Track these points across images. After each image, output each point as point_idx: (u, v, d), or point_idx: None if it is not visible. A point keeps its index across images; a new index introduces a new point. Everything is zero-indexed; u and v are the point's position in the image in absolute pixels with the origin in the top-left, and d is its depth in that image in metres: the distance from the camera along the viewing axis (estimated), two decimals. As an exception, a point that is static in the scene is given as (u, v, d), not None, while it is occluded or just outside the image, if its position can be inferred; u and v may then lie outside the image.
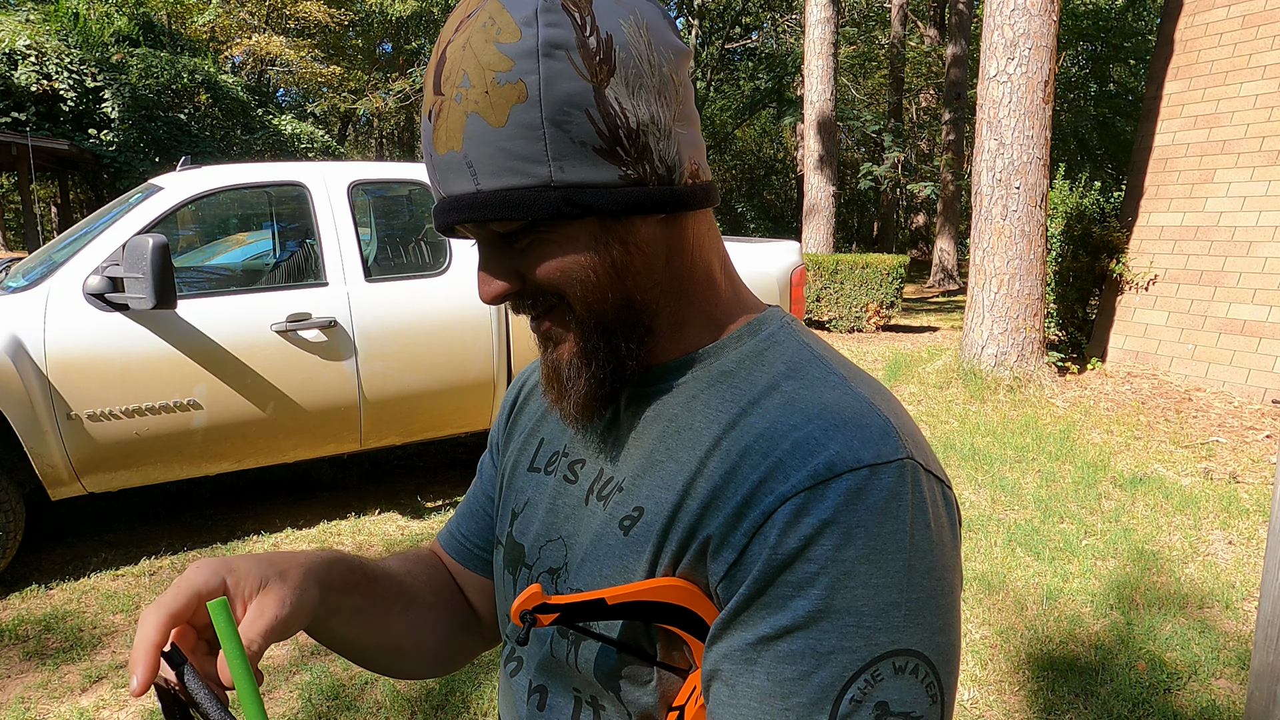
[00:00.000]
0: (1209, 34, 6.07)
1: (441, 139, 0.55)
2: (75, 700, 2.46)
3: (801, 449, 0.53)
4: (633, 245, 0.57)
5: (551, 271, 0.57)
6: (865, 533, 0.50)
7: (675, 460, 0.59)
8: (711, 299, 0.63)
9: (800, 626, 0.50)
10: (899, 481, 0.51)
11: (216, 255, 4.75)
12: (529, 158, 0.53)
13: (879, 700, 0.50)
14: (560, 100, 0.52)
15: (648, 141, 0.55)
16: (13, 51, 10.77)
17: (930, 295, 14.41)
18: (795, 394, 0.57)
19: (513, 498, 0.73)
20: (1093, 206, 6.76)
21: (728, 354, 0.62)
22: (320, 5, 18.85)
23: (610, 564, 0.60)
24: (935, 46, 17.63)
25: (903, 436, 0.54)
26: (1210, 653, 2.68)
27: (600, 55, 0.53)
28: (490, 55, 0.52)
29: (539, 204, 0.54)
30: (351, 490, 4.30)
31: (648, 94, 0.55)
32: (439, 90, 0.55)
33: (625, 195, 0.55)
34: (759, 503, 0.52)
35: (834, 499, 0.50)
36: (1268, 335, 5.45)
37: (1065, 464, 4.56)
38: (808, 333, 0.65)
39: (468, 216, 0.55)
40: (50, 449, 3.02)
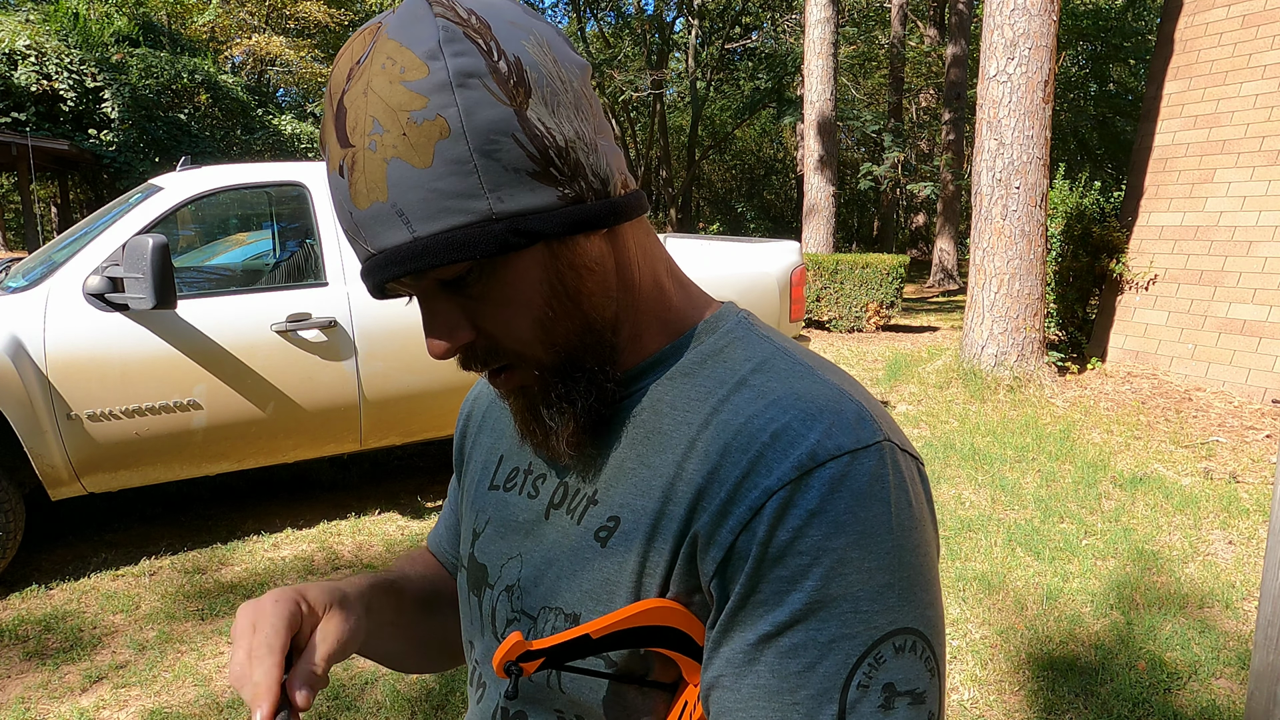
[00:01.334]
0: (1209, 34, 6.07)
1: (362, 193, 0.51)
2: (75, 700, 2.46)
3: (781, 440, 0.53)
4: (582, 267, 0.56)
5: (509, 318, 0.55)
6: (852, 519, 0.50)
7: (647, 466, 0.58)
8: (663, 303, 0.63)
9: (799, 620, 0.50)
10: (880, 464, 0.52)
11: (216, 255, 4.75)
12: (464, 194, 0.51)
13: (885, 682, 0.50)
14: (484, 129, 0.50)
15: (578, 158, 0.54)
16: (13, 51, 10.77)
17: (930, 295, 14.41)
18: (765, 386, 0.57)
19: (473, 517, 0.72)
20: (1093, 206, 6.76)
21: (687, 354, 0.61)
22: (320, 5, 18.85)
23: (589, 577, 0.59)
24: (935, 46, 17.63)
25: (876, 419, 0.55)
26: (1210, 653, 2.68)
27: (514, 78, 0.51)
28: (399, 95, 0.50)
29: (484, 239, 0.51)
30: (351, 490, 4.30)
31: (566, 110, 0.54)
32: (346, 142, 0.51)
33: (568, 215, 0.53)
34: (744, 497, 0.52)
35: (819, 488, 0.51)
36: (1268, 335, 5.45)
37: (1065, 464, 4.56)
38: (765, 327, 0.65)
39: (410, 268, 0.52)
40: (50, 449, 3.02)
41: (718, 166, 30.80)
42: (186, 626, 2.88)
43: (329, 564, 3.39)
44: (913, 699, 0.51)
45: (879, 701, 0.50)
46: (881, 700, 0.50)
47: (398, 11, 0.53)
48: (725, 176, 31.19)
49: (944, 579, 3.24)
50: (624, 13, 22.36)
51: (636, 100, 23.01)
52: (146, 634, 2.83)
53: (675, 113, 27.35)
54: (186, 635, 2.82)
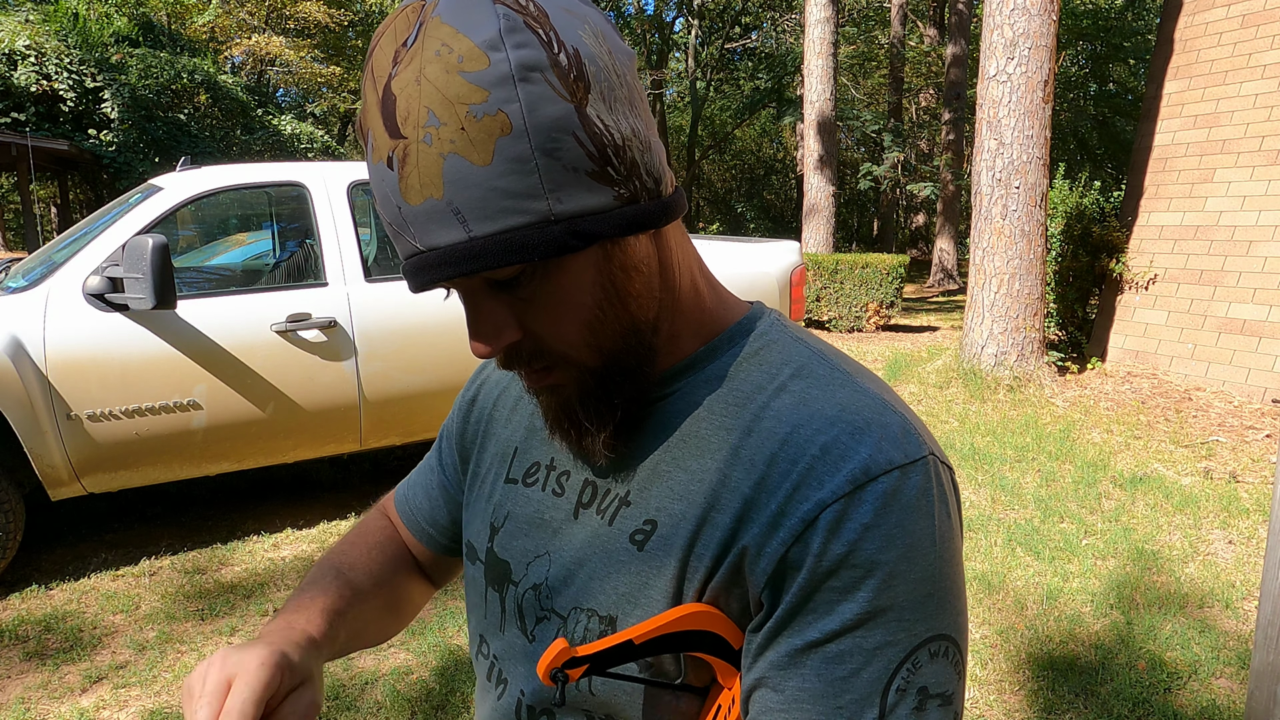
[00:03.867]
0: (1209, 33, 6.07)
1: (414, 188, 0.49)
2: (75, 700, 2.46)
3: (832, 454, 0.53)
4: (632, 268, 0.55)
5: (559, 320, 0.54)
6: (902, 532, 0.51)
7: (685, 470, 0.58)
8: (699, 305, 0.62)
9: (849, 629, 0.51)
10: (925, 479, 0.53)
11: (216, 255, 4.75)
12: (524, 194, 0.48)
13: (920, 686, 0.52)
14: (547, 127, 0.48)
15: (634, 156, 0.52)
16: (12, 52, 10.77)
17: (930, 295, 14.41)
18: (806, 394, 0.56)
19: (490, 510, 0.71)
20: (1093, 206, 6.76)
21: (722, 357, 0.61)
22: (320, 5, 18.84)
23: (625, 580, 0.59)
24: (935, 46, 17.63)
25: (919, 432, 0.56)
26: (1210, 652, 2.68)
27: (574, 72, 0.49)
28: (457, 87, 0.47)
29: (543, 241, 0.49)
30: (351, 490, 4.30)
31: (622, 106, 0.52)
32: (397, 133, 0.49)
33: (623, 216, 0.52)
34: (796, 510, 0.52)
35: (872, 503, 0.51)
36: (1267, 335, 5.45)
37: (1065, 463, 4.56)
38: (798, 328, 0.64)
39: (466, 269, 0.50)
40: (50, 449, 3.02)
41: (718, 166, 30.81)
42: (186, 626, 2.88)
43: (329, 564, 3.38)
44: (942, 700, 0.53)
45: (914, 704, 0.52)
46: (916, 703, 0.52)
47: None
48: (725, 176, 31.20)
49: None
50: (624, 13, 22.36)
51: (636, 100, 22.98)
52: (146, 634, 2.83)
53: (675, 113, 27.35)
54: (186, 635, 2.82)
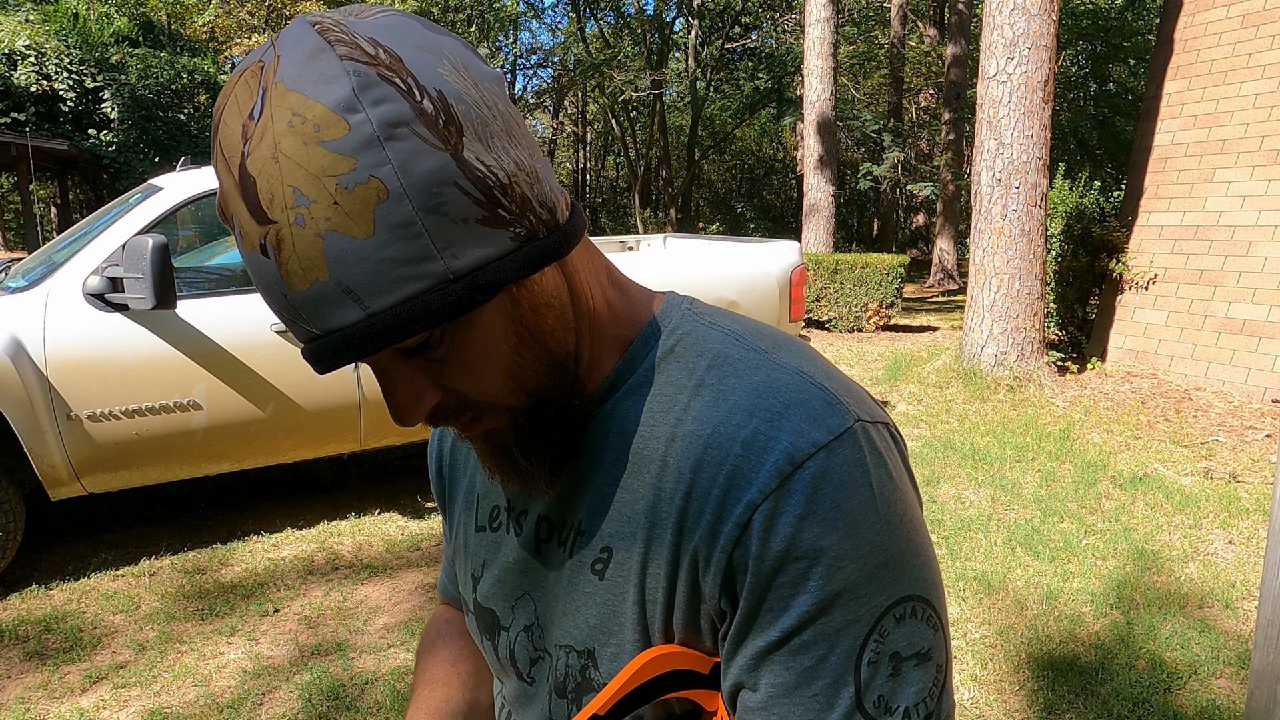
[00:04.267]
0: (1209, 33, 6.07)
1: (297, 273, 0.45)
2: (75, 700, 2.46)
3: (753, 449, 0.51)
4: (543, 305, 0.53)
5: (477, 374, 0.52)
6: (839, 513, 0.50)
7: (627, 490, 0.57)
8: (613, 318, 0.60)
9: (807, 621, 0.51)
10: (855, 449, 0.52)
11: (216, 255, 4.75)
12: (416, 258, 0.45)
13: (892, 653, 0.52)
14: (425, 183, 0.45)
15: (523, 191, 0.49)
16: (12, 52, 10.77)
17: (930, 295, 14.41)
18: (724, 385, 0.55)
19: (469, 561, 0.71)
20: (1092, 206, 6.76)
21: (641, 365, 0.59)
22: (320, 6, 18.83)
23: (594, 611, 0.58)
24: (935, 46, 17.63)
25: (842, 398, 0.54)
26: (1210, 652, 2.68)
27: (443, 117, 0.45)
28: (319, 159, 0.43)
29: (446, 303, 0.46)
30: (351, 490, 4.30)
31: (500, 140, 0.48)
32: (265, 219, 0.45)
33: (525, 256, 0.49)
34: (730, 514, 0.52)
35: (802, 491, 0.50)
36: (1267, 335, 5.44)
37: (1065, 463, 4.56)
38: (711, 310, 0.62)
39: (371, 347, 0.46)
40: (50, 449, 3.02)
41: (718, 166, 30.80)
42: (186, 626, 2.88)
43: (329, 564, 3.39)
44: (919, 660, 0.53)
45: (889, 672, 0.52)
46: (890, 670, 0.52)
47: (284, 51, 0.45)
48: (725, 176, 31.20)
49: (944, 579, 3.23)
50: (624, 13, 22.35)
51: (636, 100, 23.01)
52: (146, 634, 2.83)
53: (675, 113, 27.35)
54: (186, 635, 2.82)
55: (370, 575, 3.29)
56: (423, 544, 3.60)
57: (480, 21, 23.01)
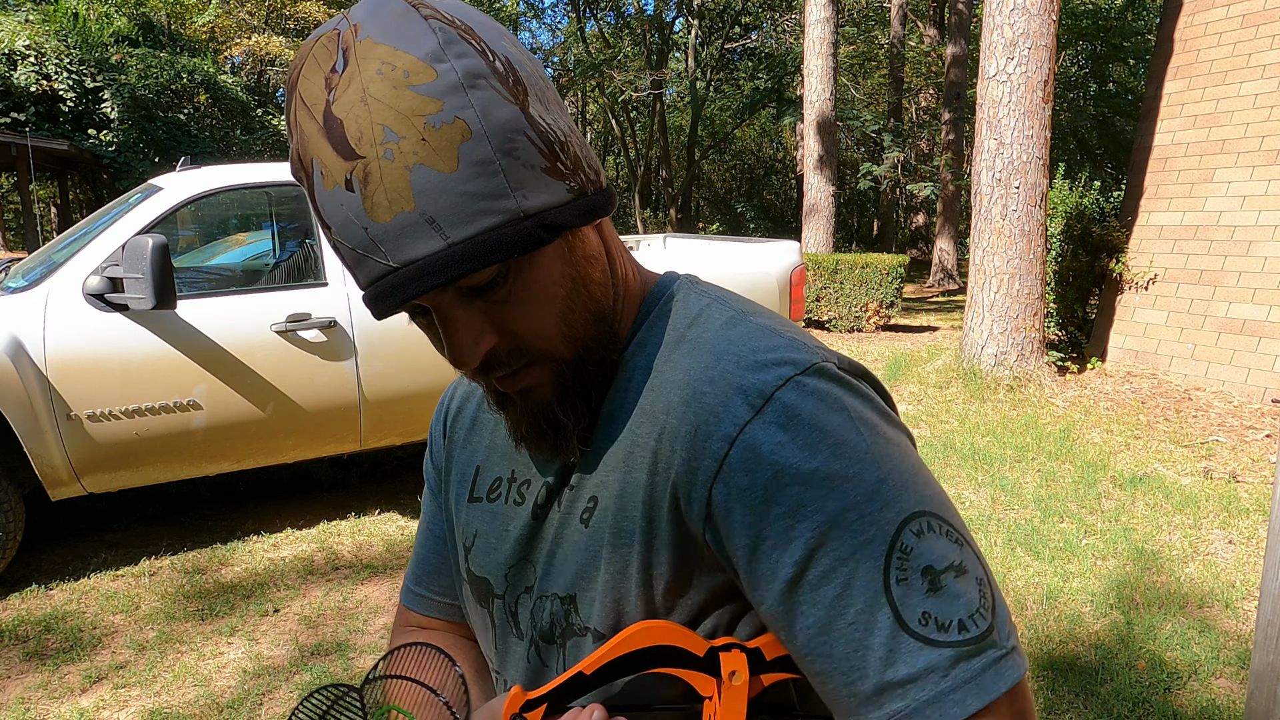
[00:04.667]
0: (1209, 33, 6.07)
1: (382, 204, 0.49)
2: (75, 700, 2.46)
3: (720, 386, 0.54)
4: (589, 256, 0.58)
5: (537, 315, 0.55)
6: (820, 435, 0.51)
7: (611, 440, 0.60)
8: (632, 286, 0.64)
9: (816, 548, 0.51)
10: (825, 381, 0.53)
11: (216, 255, 4.75)
12: (494, 194, 0.50)
13: (921, 567, 0.51)
14: (502, 128, 0.50)
15: (575, 151, 0.55)
16: (12, 52, 10.77)
17: (930, 295, 14.41)
18: (699, 338, 0.58)
19: (460, 531, 0.72)
20: (1092, 206, 6.76)
21: (640, 330, 0.63)
22: (320, 6, 18.83)
23: (577, 558, 0.60)
24: (935, 46, 17.63)
25: (808, 345, 0.57)
26: (1210, 652, 2.68)
27: (511, 77, 0.52)
28: (409, 100, 0.48)
29: (518, 238, 0.51)
30: (351, 490, 4.30)
31: (551, 104, 0.55)
32: (353, 155, 0.49)
33: (579, 207, 0.55)
34: (704, 449, 0.53)
35: (778, 417, 0.51)
36: (1267, 334, 5.45)
37: (1065, 463, 4.56)
38: (708, 285, 0.66)
39: (449, 275, 0.50)
40: (50, 449, 3.02)
41: (717, 166, 30.80)
42: (186, 626, 2.88)
43: (329, 564, 3.39)
44: (956, 572, 0.52)
45: (925, 588, 0.51)
46: (927, 585, 0.51)
47: (366, 17, 0.51)
48: (725, 176, 31.19)
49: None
50: (624, 13, 22.36)
51: (636, 100, 23.01)
52: (146, 634, 2.83)
53: (675, 113, 27.34)
54: (186, 635, 2.82)
55: (370, 575, 3.29)
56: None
57: (480, 21, 22.97)
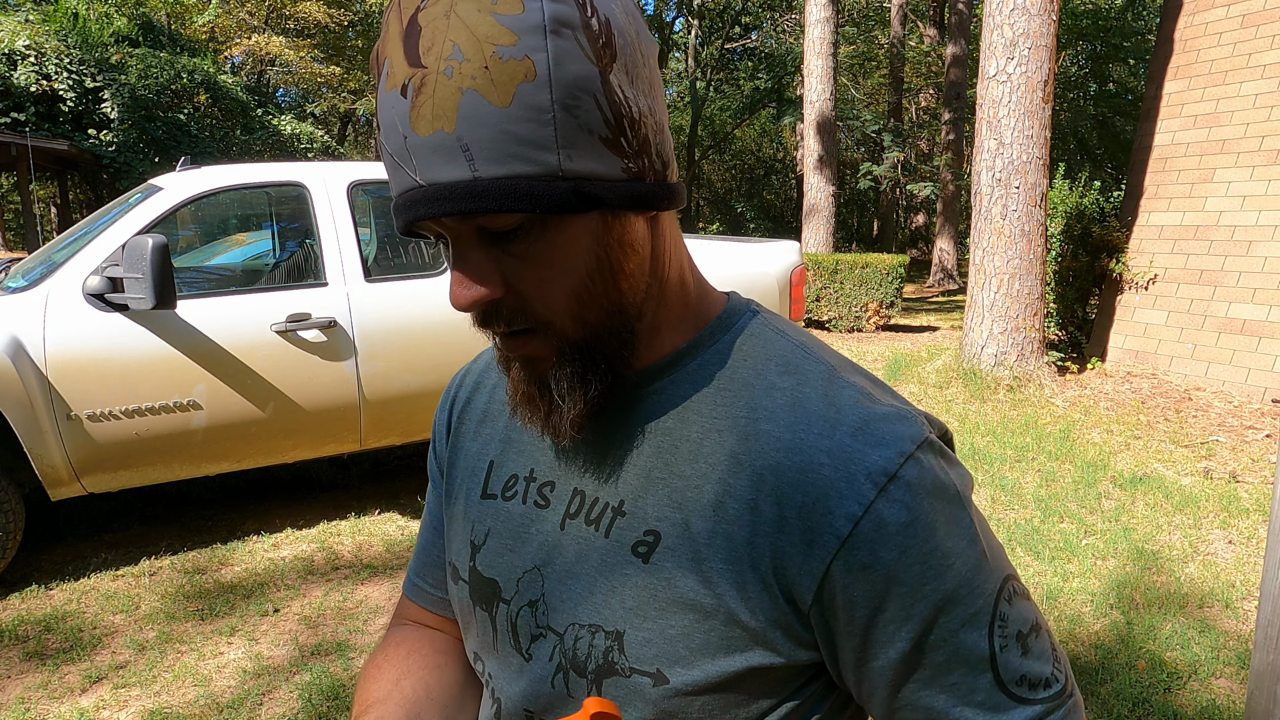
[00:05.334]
0: (1209, 33, 6.07)
1: (425, 118, 0.48)
2: (75, 700, 2.46)
3: (842, 461, 0.53)
4: (627, 244, 0.54)
5: (548, 282, 0.53)
6: (938, 514, 0.53)
7: (679, 476, 0.56)
8: (683, 299, 0.61)
9: (931, 622, 0.53)
10: (934, 455, 0.54)
11: (216, 255, 4.75)
12: (536, 143, 0.48)
13: (1015, 633, 0.55)
14: (569, 83, 0.48)
15: (647, 134, 0.52)
16: (12, 52, 10.77)
17: (930, 295, 14.41)
18: (798, 393, 0.56)
19: (469, 528, 0.68)
20: (1092, 206, 6.76)
21: (705, 354, 0.60)
22: (320, 5, 18.83)
23: (632, 593, 0.57)
24: (935, 46, 17.63)
25: (910, 412, 0.56)
26: (1210, 652, 2.68)
27: (604, 39, 0.49)
28: (488, 26, 0.47)
29: (547, 195, 0.49)
30: (351, 490, 4.30)
31: (641, 83, 0.52)
32: (417, 61, 0.48)
33: (628, 189, 0.52)
34: (826, 526, 0.52)
35: (901, 499, 0.52)
36: (1267, 334, 5.45)
37: (1065, 463, 4.56)
38: (775, 318, 0.64)
39: (465, 207, 0.48)
40: (50, 449, 3.02)
41: (717, 166, 30.80)
42: (186, 626, 2.88)
43: (329, 564, 3.39)
44: (1035, 631, 0.57)
45: (1019, 651, 0.55)
46: (1020, 649, 0.55)
47: None
48: (725, 176, 31.19)
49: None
50: (624, 13, 22.31)
51: (636, 100, 22.96)
52: (146, 634, 2.83)
53: (675, 113, 27.35)
54: (186, 635, 2.82)
55: (370, 575, 3.29)
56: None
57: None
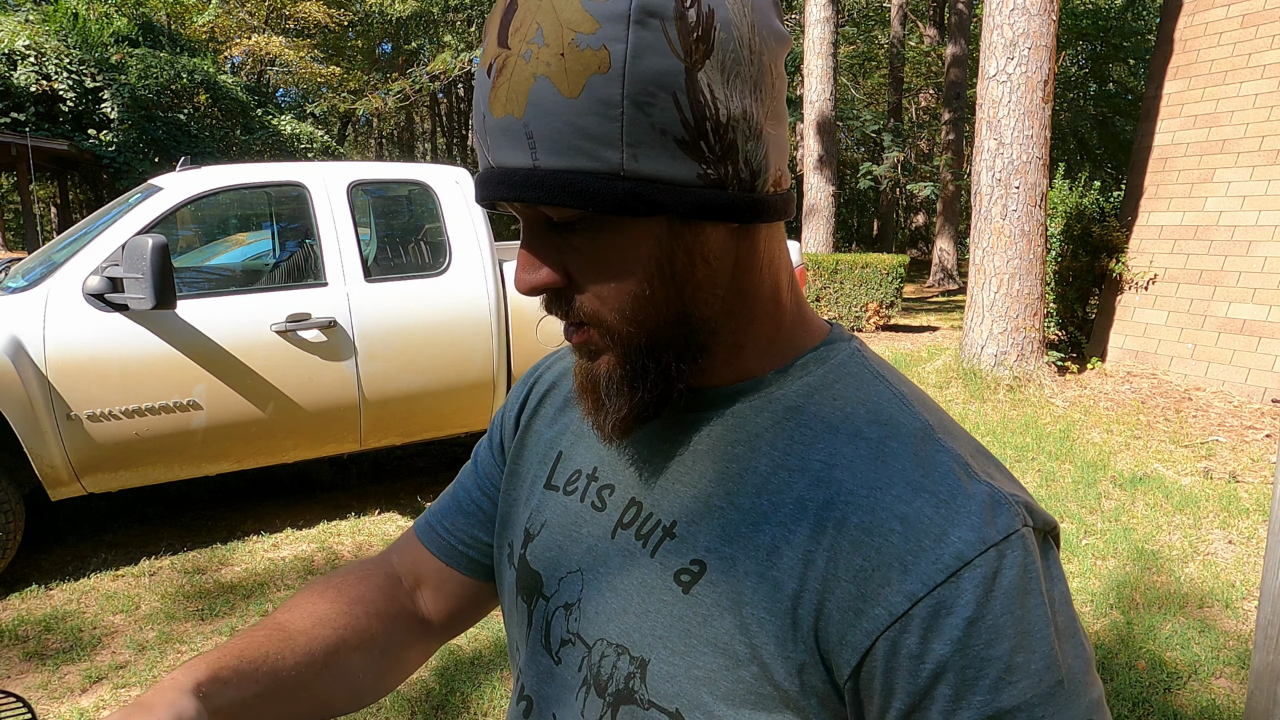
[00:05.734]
0: (1208, 33, 6.07)
1: (500, 100, 0.47)
2: (75, 700, 2.46)
3: (916, 532, 0.47)
4: (699, 255, 0.50)
5: (602, 282, 0.51)
6: (1011, 619, 0.46)
7: (738, 509, 0.53)
8: (775, 321, 0.56)
9: None
10: (1025, 553, 0.47)
11: (216, 255, 4.75)
12: (600, 139, 0.46)
13: None
14: (646, 78, 0.45)
15: (735, 139, 0.48)
16: (12, 52, 10.77)
17: (930, 295, 14.41)
18: (884, 448, 0.51)
19: (526, 514, 0.67)
20: (1092, 206, 6.76)
21: (792, 384, 0.55)
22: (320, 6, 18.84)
23: (665, 622, 0.53)
24: (935, 46, 17.64)
25: (1008, 497, 0.49)
26: (1210, 652, 2.68)
27: (698, 32, 0.46)
28: (573, 12, 0.45)
29: (604, 194, 0.47)
30: (351, 490, 4.30)
31: (743, 84, 0.48)
32: (504, 42, 0.47)
33: (701, 197, 0.48)
34: (880, 596, 0.47)
35: (972, 591, 0.46)
36: (1267, 334, 5.45)
37: (1065, 463, 4.56)
38: (877, 360, 0.59)
39: (518, 195, 0.48)
40: (50, 449, 3.02)
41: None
42: (186, 626, 2.88)
43: (329, 564, 3.38)
44: None
45: None
46: None
47: None
48: (725, 176, 31.17)
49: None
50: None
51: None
52: (146, 634, 2.83)
53: (675, 113, 27.34)
54: (186, 635, 2.82)
55: (370, 575, 3.28)
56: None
57: (480, 21, 23.01)
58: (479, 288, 3.78)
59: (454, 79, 19.72)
